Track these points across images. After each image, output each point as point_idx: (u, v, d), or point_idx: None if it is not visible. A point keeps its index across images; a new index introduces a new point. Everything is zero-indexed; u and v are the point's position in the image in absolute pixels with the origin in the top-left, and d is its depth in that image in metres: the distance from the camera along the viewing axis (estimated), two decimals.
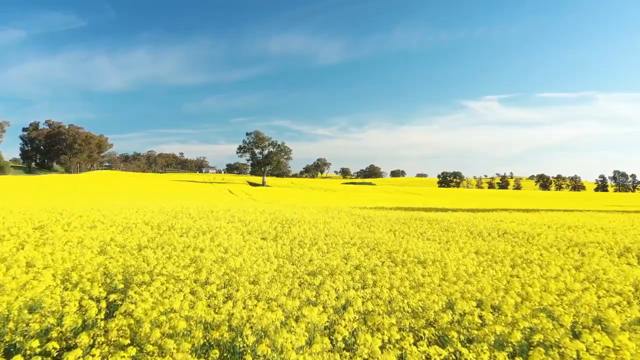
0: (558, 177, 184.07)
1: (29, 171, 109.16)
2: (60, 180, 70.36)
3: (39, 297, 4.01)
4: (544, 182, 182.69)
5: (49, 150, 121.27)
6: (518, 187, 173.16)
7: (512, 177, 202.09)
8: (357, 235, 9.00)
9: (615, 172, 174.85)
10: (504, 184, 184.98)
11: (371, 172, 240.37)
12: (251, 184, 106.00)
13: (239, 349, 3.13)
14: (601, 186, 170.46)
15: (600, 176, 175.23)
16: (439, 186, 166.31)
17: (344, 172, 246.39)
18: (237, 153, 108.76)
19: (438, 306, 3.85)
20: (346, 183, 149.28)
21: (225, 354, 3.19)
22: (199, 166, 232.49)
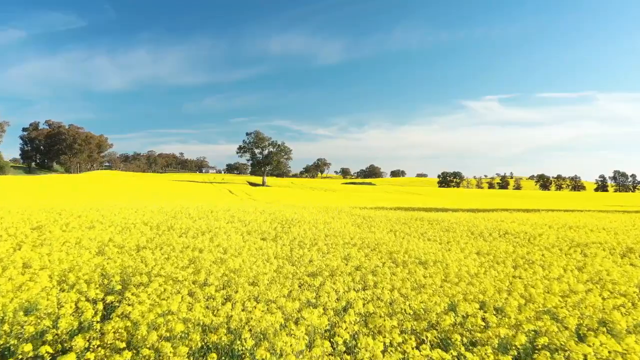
0: (558, 177, 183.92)
1: (28, 171, 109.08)
2: (60, 180, 70.28)
3: (34, 298, 3.94)
4: (544, 182, 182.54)
5: (49, 150, 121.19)
6: (518, 187, 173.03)
7: (512, 177, 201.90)
8: (358, 236, 8.94)
9: (616, 172, 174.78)
10: (504, 184, 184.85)
11: (371, 172, 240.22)
12: (251, 184, 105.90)
13: (238, 352, 3.07)
14: (601, 186, 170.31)
15: (600, 176, 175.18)
16: (439, 186, 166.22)
17: (344, 172, 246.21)
18: (237, 153, 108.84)
19: (440, 308, 3.79)
20: (346, 183, 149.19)
21: (224, 357, 3.12)
22: (199, 166, 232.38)
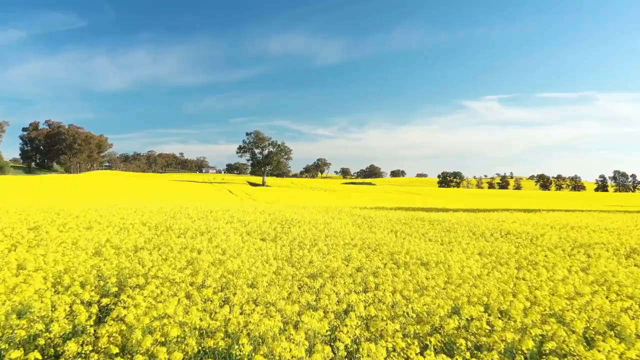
0: (558, 177, 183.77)
1: (28, 171, 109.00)
2: (60, 180, 70.19)
3: (27, 301, 3.85)
4: (544, 182, 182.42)
5: (48, 150, 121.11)
6: (518, 187, 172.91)
7: (512, 177, 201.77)
8: (358, 236, 8.84)
9: (616, 172, 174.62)
10: (504, 184, 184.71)
11: (371, 172, 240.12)
12: (251, 184, 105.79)
13: (235, 357, 2.97)
14: (601, 186, 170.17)
15: (601, 176, 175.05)
16: (439, 186, 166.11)
17: (344, 172, 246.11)
18: (237, 153, 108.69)
19: (444, 311, 3.69)
20: (346, 183, 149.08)
21: None
22: (199, 166, 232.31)
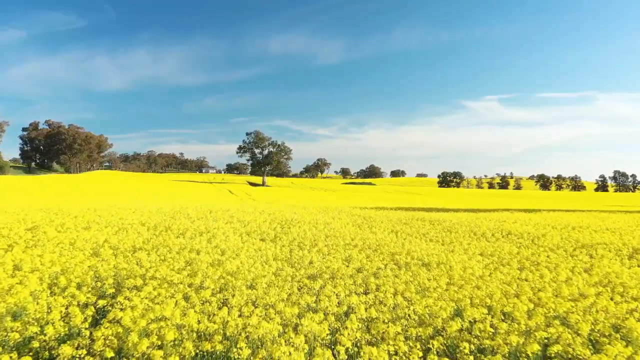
0: (558, 177, 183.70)
1: (28, 171, 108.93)
2: (60, 180, 70.13)
3: (23, 303, 3.78)
4: (544, 182, 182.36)
5: (48, 150, 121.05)
6: (518, 187, 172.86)
7: (512, 177, 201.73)
8: (359, 236, 8.78)
9: (616, 172, 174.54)
10: (504, 184, 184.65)
11: (371, 172, 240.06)
12: (251, 184, 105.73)
13: None
14: (601, 186, 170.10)
15: (601, 176, 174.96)
16: (439, 186, 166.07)
17: (344, 172, 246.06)
18: (237, 153, 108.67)
19: (446, 313, 3.63)
20: (346, 183, 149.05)
21: None
22: (199, 166, 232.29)
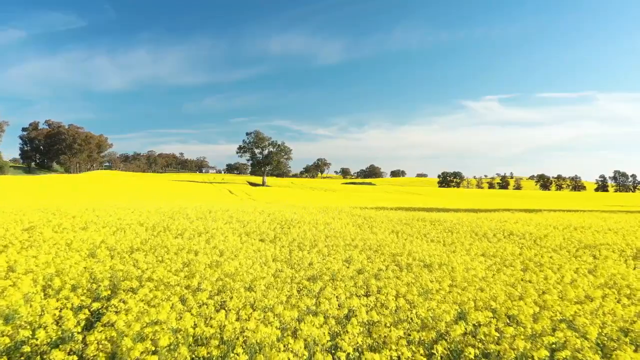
0: (558, 177, 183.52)
1: (28, 171, 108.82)
2: (59, 180, 70.01)
3: (15, 305, 3.69)
4: (544, 182, 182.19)
5: (48, 150, 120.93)
6: (518, 187, 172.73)
7: (512, 177, 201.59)
8: (359, 237, 8.68)
9: (616, 172, 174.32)
10: (504, 184, 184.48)
11: (371, 172, 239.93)
12: (251, 184, 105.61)
13: None
14: (601, 186, 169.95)
15: (601, 176, 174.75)
16: (439, 186, 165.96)
17: (344, 172, 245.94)
18: (237, 153, 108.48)
19: (449, 316, 3.53)
20: (346, 183, 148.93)
21: None
22: (199, 166, 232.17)
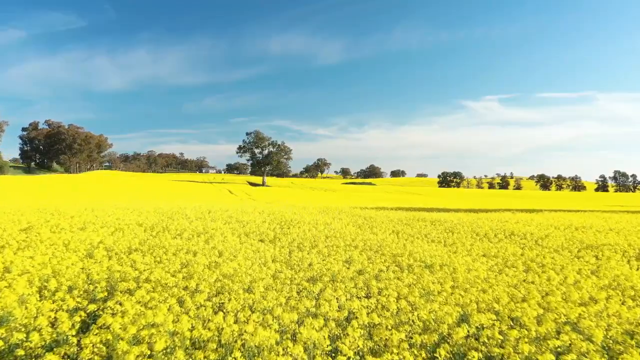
0: (558, 177, 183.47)
1: (28, 171, 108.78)
2: (59, 180, 69.96)
3: (9, 307, 3.63)
4: (544, 182, 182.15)
5: (48, 150, 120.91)
6: (518, 187, 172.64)
7: (513, 177, 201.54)
8: (359, 237, 8.61)
9: (616, 172, 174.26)
10: (504, 184, 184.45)
11: (371, 172, 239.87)
12: (251, 184, 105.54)
13: None
14: (602, 186, 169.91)
15: (601, 176, 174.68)
16: (439, 186, 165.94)
17: (344, 172, 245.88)
18: (237, 153, 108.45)
19: (452, 318, 3.47)
20: (346, 183, 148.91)
21: None
22: (199, 166, 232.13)
